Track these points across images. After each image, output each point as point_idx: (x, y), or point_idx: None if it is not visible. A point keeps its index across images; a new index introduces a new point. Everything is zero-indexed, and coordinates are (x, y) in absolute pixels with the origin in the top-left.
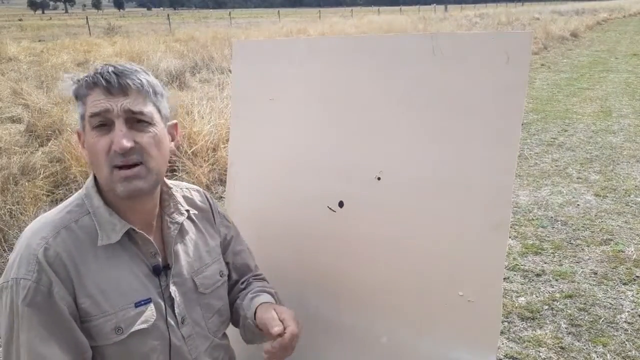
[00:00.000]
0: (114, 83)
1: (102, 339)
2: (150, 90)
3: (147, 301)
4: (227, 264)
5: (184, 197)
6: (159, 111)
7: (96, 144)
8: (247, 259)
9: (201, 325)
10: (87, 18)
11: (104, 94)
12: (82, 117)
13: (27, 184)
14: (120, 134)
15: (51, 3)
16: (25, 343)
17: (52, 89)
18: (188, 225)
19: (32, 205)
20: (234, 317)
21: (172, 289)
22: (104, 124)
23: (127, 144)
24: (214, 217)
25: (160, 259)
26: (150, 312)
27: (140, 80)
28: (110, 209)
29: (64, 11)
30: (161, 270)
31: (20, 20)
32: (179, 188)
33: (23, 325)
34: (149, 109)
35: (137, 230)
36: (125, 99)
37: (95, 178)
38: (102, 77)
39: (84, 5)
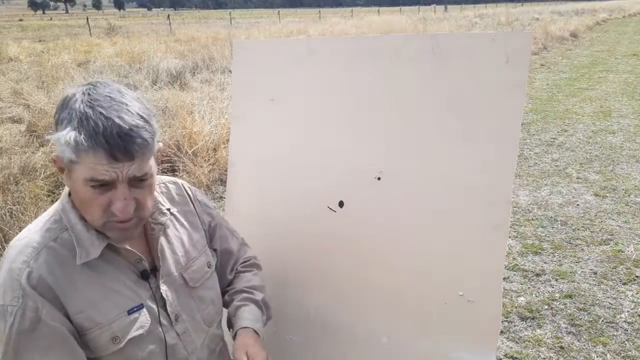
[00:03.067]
0: (119, 149)
1: (100, 350)
2: (152, 141)
3: (139, 307)
4: (214, 250)
5: (162, 193)
6: (155, 152)
7: (92, 200)
8: (229, 244)
9: (196, 319)
10: (87, 18)
11: (106, 159)
12: (71, 162)
13: (27, 183)
14: (124, 202)
15: (51, 3)
16: None
17: (52, 89)
18: (170, 222)
19: (33, 205)
20: (224, 306)
21: (163, 288)
22: (103, 185)
23: (131, 210)
24: (194, 207)
25: (146, 263)
26: (144, 317)
27: (145, 140)
28: (87, 225)
29: (64, 11)
30: (149, 274)
31: (20, 20)
32: (156, 185)
33: (9, 352)
34: (149, 164)
35: (116, 244)
36: (131, 164)
37: (70, 193)
38: (107, 141)
39: (85, 6)
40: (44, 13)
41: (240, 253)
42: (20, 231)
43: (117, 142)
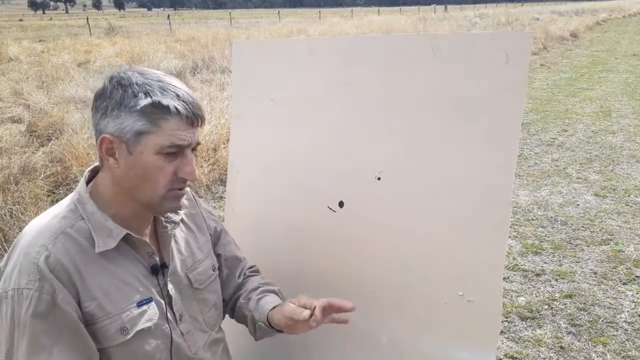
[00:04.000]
0: (195, 115)
1: (107, 341)
2: None
3: (149, 300)
4: (218, 256)
5: None
6: None
7: (163, 169)
8: (235, 251)
9: (198, 320)
10: (87, 18)
11: (186, 125)
12: (139, 134)
13: (27, 183)
14: (193, 165)
15: (52, 3)
16: (25, 355)
17: (52, 89)
18: (180, 223)
19: (33, 205)
20: (238, 313)
21: (170, 286)
22: (176, 151)
23: (197, 173)
24: (201, 211)
25: (157, 259)
26: (152, 310)
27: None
28: (105, 215)
29: (64, 11)
30: (159, 270)
31: (20, 20)
32: None
33: (24, 336)
34: None
35: (134, 235)
36: (196, 131)
37: (87, 182)
38: (186, 107)
39: (85, 6)
40: (44, 13)
41: (246, 262)
42: (20, 231)
43: (193, 108)
